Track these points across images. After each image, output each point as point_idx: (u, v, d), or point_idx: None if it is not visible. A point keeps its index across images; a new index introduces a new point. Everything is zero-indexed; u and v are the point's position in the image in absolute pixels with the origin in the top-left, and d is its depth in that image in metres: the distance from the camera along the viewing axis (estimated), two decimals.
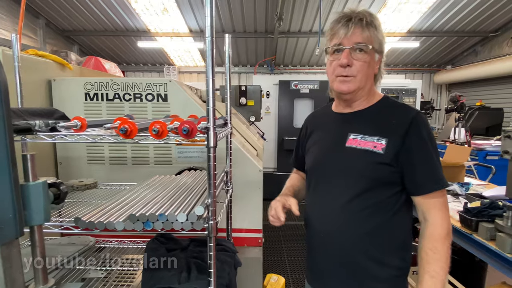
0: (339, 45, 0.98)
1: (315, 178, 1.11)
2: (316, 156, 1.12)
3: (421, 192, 0.96)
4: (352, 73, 0.98)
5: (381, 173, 0.97)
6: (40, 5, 5.45)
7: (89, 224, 0.88)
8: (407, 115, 0.97)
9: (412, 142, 0.95)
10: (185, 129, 0.84)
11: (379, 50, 1.01)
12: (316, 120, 1.24)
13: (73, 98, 1.73)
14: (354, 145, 1.01)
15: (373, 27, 0.98)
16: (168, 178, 1.43)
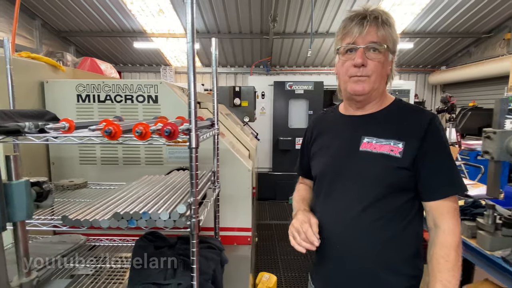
0: (353, 44, 0.94)
1: (327, 184, 1.04)
2: (327, 161, 1.06)
3: (437, 197, 0.92)
4: (366, 73, 0.94)
5: (398, 178, 0.93)
6: (36, 6, 5.47)
7: (75, 222, 0.92)
8: (424, 118, 0.95)
9: (431, 146, 0.92)
10: (167, 130, 0.87)
11: (393, 50, 0.98)
12: (322, 124, 1.17)
13: (65, 99, 1.76)
14: (369, 149, 0.96)
15: (388, 25, 0.94)
16: (157, 178, 1.46)
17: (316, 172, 1.10)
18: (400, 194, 0.94)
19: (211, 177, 1.46)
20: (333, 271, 1.03)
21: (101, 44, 6.91)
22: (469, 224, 1.67)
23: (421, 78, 7.76)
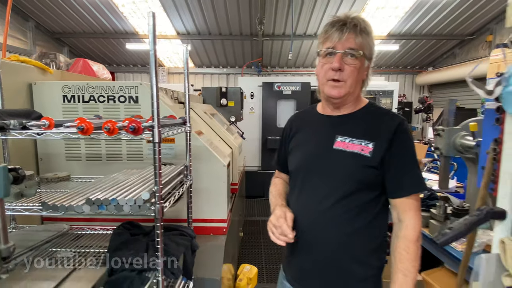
0: (332, 48, 0.99)
1: (301, 179, 1.10)
2: (302, 157, 1.12)
3: (403, 194, 1.00)
4: (343, 78, 0.99)
5: (366, 176, 1.00)
6: (29, 8, 5.58)
7: (53, 207, 1.06)
8: (393, 121, 1.02)
9: (398, 147, 0.99)
10: (131, 127, 1.01)
11: (369, 57, 1.03)
12: (300, 121, 1.23)
13: (52, 100, 1.89)
14: (342, 147, 1.02)
15: (366, 33, 1.00)
16: (134, 171, 1.60)
17: (292, 167, 1.15)
18: (367, 190, 1.01)
19: (183, 170, 1.60)
20: (304, 261, 1.09)
21: (94, 45, 7.02)
22: (423, 215, 1.81)
23: (409, 79, 7.94)
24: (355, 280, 1.04)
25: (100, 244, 1.57)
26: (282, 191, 1.26)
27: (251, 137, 5.40)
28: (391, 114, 1.07)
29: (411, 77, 7.96)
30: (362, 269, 1.03)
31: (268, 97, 5.44)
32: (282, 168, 1.29)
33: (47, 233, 1.51)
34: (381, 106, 1.15)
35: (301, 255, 1.09)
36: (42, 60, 4.68)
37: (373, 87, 4.98)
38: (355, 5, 5.14)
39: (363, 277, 1.04)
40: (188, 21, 5.81)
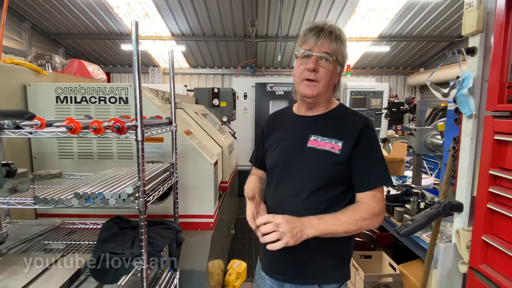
0: (309, 51, 1.08)
1: (277, 174, 1.19)
2: (279, 154, 1.20)
3: (368, 188, 1.08)
4: (317, 78, 1.09)
5: (336, 172, 1.09)
6: (25, 9, 5.63)
7: (44, 201, 1.14)
8: (360, 121, 1.12)
9: (364, 145, 1.08)
10: (116, 126, 1.10)
11: (341, 63, 1.13)
12: (277, 121, 1.32)
13: (46, 101, 1.97)
14: (315, 145, 1.11)
15: (340, 41, 1.09)
16: (123, 169, 1.68)
17: (270, 164, 1.24)
18: (336, 185, 1.10)
19: (169, 168, 1.69)
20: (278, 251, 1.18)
21: (90, 46, 7.09)
22: (399, 210, 1.92)
23: (400, 80, 8.07)
24: (325, 268, 1.13)
25: (91, 239, 1.66)
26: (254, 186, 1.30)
27: (244, 137, 5.49)
28: (357, 115, 1.18)
29: (403, 77, 8.09)
30: (333, 258, 1.13)
31: (261, 97, 5.54)
32: (259, 164, 1.38)
33: (40, 227, 1.59)
34: (349, 108, 1.27)
35: None
36: (37, 61, 4.76)
37: (363, 88, 5.10)
38: (346, 7, 5.25)
39: (333, 265, 1.14)
40: (182, 22, 5.90)
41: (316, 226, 0.98)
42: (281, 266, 1.18)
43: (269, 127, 1.32)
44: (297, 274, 1.14)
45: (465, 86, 1.16)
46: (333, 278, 1.15)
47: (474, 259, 1.10)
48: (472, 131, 1.19)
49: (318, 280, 1.13)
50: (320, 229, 0.99)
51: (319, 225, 0.99)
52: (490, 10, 1.14)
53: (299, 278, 1.14)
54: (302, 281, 1.14)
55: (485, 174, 1.03)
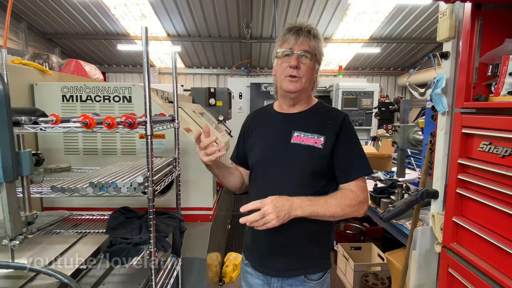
0: (290, 50, 1.14)
1: (262, 171, 1.22)
2: (263, 151, 1.23)
3: (350, 179, 1.14)
4: (299, 75, 1.14)
5: (319, 166, 1.14)
6: (22, 9, 5.68)
7: (61, 189, 1.26)
8: (339, 116, 1.18)
9: (344, 138, 1.15)
10: (128, 122, 1.22)
11: (319, 61, 1.20)
12: (258, 119, 1.35)
13: (52, 99, 2.07)
14: (299, 141, 1.16)
15: (317, 39, 1.16)
16: (129, 163, 1.80)
17: (253, 161, 1.26)
18: (320, 178, 1.16)
19: (172, 162, 1.81)
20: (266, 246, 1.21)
21: (86, 46, 7.14)
22: (385, 201, 2.07)
23: (391, 80, 8.29)
24: (312, 259, 1.20)
25: (98, 228, 1.77)
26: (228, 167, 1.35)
27: None
28: (336, 110, 1.25)
29: (394, 78, 8.31)
30: (318, 248, 1.21)
31: (255, 97, 5.67)
32: (240, 162, 1.40)
33: (50, 217, 1.70)
34: (327, 105, 1.31)
35: (263, 239, 1.21)
36: (35, 60, 4.81)
37: (354, 88, 5.26)
38: (337, 9, 5.41)
39: (318, 255, 1.22)
40: (178, 23, 6.00)
41: (305, 208, 1.02)
42: (269, 261, 1.22)
43: (250, 125, 1.35)
44: (284, 267, 1.20)
45: (439, 86, 1.31)
46: (318, 267, 1.22)
47: (447, 238, 1.25)
48: (446, 126, 1.34)
49: (305, 271, 1.20)
50: (309, 210, 1.03)
51: (309, 207, 1.03)
52: (461, 19, 1.29)
53: (287, 271, 1.20)
54: (290, 273, 1.20)
55: (455, 163, 1.18)
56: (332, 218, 1.09)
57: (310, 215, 1.04)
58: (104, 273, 1.32)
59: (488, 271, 1.02)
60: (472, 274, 1.09)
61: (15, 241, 0.88)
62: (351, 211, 1.10)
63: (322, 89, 5.67)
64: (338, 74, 5.92)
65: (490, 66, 1.11)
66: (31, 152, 0.91)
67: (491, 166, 1.00)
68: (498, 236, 0.99)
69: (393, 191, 2.12)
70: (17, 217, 0.90)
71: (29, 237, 0.90)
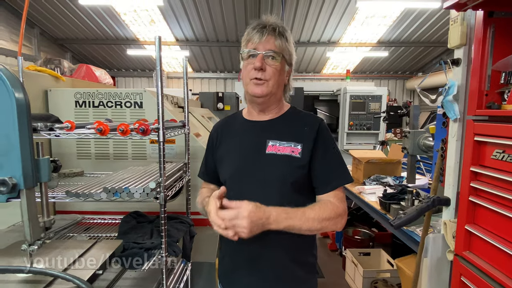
0: (254, 50, 1.03)
1: (236, 187, 1.08)
2: (235, 165, 1.11)
3: (329, 189, 1.04)
4: (265, 77, 1.03)
5: (299, 176, 1.03)
6: (35, 16, 5.82)
7: (75, 195, 1.29)
8: (315, 122, 1.08)
9: (321, 145, 1.05)
10: (141, 129, 1.24)
11: (289, 62, 1.09)
12: (226, 128, 1.23)
13: (65, 105, 2.11)
14: (274, 151, 1.05)
15: (285, 38, 1.05)
16: (140, 168, 1.83)
17: (226, 176, 1.13)
18: (301, 191, 1.05)
19: (183, 167, 1.83)
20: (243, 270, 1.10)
21: (96, 51, 7.27)
22: (395, 207, 2.06)
23: (399, 84, 8.24)
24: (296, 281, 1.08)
25: (108, 232, 1.80)
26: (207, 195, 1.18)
27: None
28: (311, 115, 1.15)
29: (402, 82, 8.25)
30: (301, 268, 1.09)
31: None
32: (210, 178, 1.27)
33: (63, 221, 1.73)
34: (302, 110, 1.19)
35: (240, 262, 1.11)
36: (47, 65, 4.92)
37: (362, 92, 5.24)
38: (345, 14, 5.42)
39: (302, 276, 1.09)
40: (186, 28, 6.07)
41: (280, 222, 0.93)
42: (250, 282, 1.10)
43: (217, 137, 1.23)
44: None
45: (451, 93, 1.30)
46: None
47: (459, 246, 1.24)
48: (457, 133, 1.33)
49: None
50: (285, 224, 0.94)
51: (285, 221, 0.94)
52: (472, 26, 1.29)
53: None
54: None
55: (467, 170, 1.17)
56: (309, 232, 0.98)
57: (285, 229, 0.94)
58: (116, 277, 1.34)
59: (502, 280, 1.01)
60: (485, 283, 1.08)
61: (33, 246, 0.90)
62: (329, 225, 0.99)
63: (329, 93, 5.67)
64: (346, 78, 5.91)
65: (503, 73, 1.11)
66: (49, 159, 0.94)
67: (504, 175, 0.99)
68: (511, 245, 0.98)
69: (403, 197, 2.10)
70: (36, 222, 0.92)
71: (47, 242, 0.93)
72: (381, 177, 2.79)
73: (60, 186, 1.54)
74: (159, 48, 1.25)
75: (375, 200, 2.39)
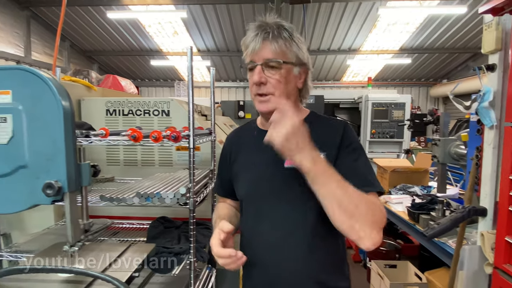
0: (251, 62, 0.91)
1: (254, 206, 0.98)
2: (253, 182, 0.99)
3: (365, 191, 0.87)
4: (268, 91, 0.91)
5: None
6: (66, 29, 6.15)
7: (109, 199, 1.33)
8: (338, 126, 0.95)
9: (346, 151, 0.91)
10: (173, 136, 1.28)
11: (299, 63, 0.93)
12: (240, 140, 1.11)
13: (97, 113, 2.21)
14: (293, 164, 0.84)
15: (283, 39, 0.89)
16: (167, 175, 1.87)
17: (242, 194, 1.03)
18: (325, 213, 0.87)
19: (209, 174, 1.85)
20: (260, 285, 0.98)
21: (121, 62, 7.56)
22: (424, 217, 1.99)
23: (423, 91, 8.03)
24: None
25: (137, 236, 1.84)
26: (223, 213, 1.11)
27: None
28: (334, 119, 1.02)
29: (426, 89, 8.05)
30: None
31: None
32: (226, 193, 1.17)
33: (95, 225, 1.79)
34: (323, 115, 1.06)
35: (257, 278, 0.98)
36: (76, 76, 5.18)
37: (385, 99, 5.15)
38: (366, 21, 5.39)
39: None
40: (208, 38, 6.22)
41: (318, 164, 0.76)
42: None
43: (231, 150, 1.11)
44: None
45: (486, 100, 1.26)
46: None
47: (499, 259, 1.18)
48: (494, 140, 1.29)
49: None
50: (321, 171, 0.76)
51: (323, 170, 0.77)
52: (508, 31, 1.25)
53: None
54: None
55: (506, 179, 1.13)
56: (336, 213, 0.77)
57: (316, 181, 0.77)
58: (144, 281, 1.37)
59: None
60: None
61: (74, 247, 0.94)
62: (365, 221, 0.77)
63: (350, 100, 5.61)
64: (367, 85, 5.83)
65: None
66: (90, 164, 0.98)
67: None
68: None
69: (433, 207, 2.03)
70: (77, 225, 0.96)
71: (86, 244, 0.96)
72: (407, 186, 2.71)
73: (93, 191, 1.60)
74: (190, 58, 1.30)
75: (402, 210, 2.32)
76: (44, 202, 0.88)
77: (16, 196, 0.90)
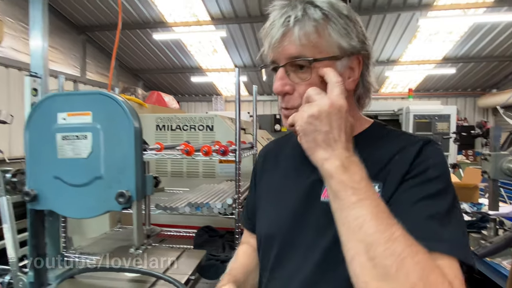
0: (272, 63, 0.65)
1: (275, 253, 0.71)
2: (275, 218, 0.73)
3: None
4: (294, 104, 0.63)
5: None
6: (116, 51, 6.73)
7: (164, 208, 1.45)
8: (412, 147, 0.62)
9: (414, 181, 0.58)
10: (221, 150, 1.38)
11: (345, 52, 0.61)
12: (275, 154, 0.83)
13: (148, 128, 2.41)
14: None
15: (313, 21, 0.59)
16: (211, 186, 1.98)
17: (261, 233, 0.76)
18: None
19: None
20: None
21: (164, 78, 8.06)
22: (475, 236, 1.89)
23: (470, 102, 7.57)
24: None
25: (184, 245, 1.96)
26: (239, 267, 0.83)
27: None
28: (407, 134, 0.69)
29: (473, 99, 7.58)
30: None
31: None
32: (253, 226, 0.82)
33: None
34: (395, 129, 0.72)
35: None
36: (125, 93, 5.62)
37: (427, 111, 4.94)
38: (405, 32, 5.28)
39: None
40: (245, 55, 6.45)
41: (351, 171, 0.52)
42: None
43: (263, 165, 0.85)
44: None
45: None
46: None
47: None
48: None
49: None
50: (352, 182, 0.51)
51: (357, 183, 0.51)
52: None
53: None
54: None
55: None
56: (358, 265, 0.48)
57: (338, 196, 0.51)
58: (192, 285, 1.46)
59: None
60: None
61: (139, 250, 1.05)
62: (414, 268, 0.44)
63: (389, 112, 5.45)
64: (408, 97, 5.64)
65: None
66: (153, 176, 1.11)
67: None
68: None
69: (484, 226, 1.93)
70: (141, 230, 1.08)
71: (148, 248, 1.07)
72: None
73: None
74: (238, 76, 1.40)
75: None
76: (115, 208, 1.01)
77: (92, 203, 1.04)
